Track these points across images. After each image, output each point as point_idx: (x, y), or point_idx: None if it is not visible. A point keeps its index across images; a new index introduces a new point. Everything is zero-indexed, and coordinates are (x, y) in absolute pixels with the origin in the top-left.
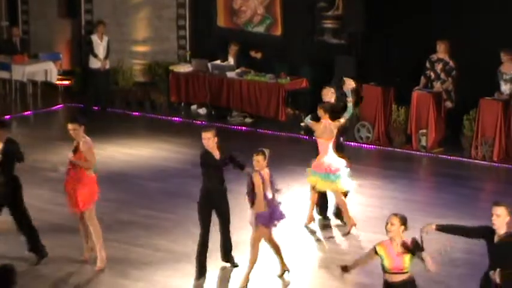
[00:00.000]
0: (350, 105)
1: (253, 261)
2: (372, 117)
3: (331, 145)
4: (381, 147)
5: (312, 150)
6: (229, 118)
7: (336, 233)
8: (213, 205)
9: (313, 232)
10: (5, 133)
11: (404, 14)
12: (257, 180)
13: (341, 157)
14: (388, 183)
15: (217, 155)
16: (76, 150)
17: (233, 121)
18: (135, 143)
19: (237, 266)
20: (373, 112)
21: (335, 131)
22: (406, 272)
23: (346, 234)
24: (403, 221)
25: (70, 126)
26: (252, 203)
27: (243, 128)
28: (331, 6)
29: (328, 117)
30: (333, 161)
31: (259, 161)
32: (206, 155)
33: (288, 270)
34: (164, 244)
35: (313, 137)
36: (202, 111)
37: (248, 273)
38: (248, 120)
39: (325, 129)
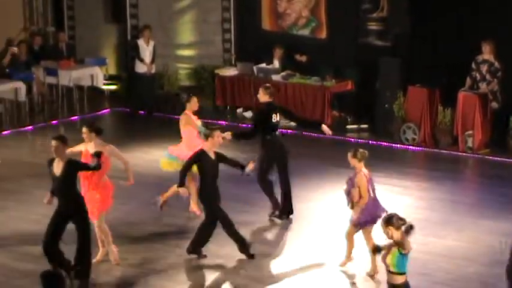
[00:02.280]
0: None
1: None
2: (417, 118)
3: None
4: (427, 149)
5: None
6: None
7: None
8: None
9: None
10: (65, 149)
11: (449, 15)
12: (362, 180)
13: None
14: (434, 185)
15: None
16: (99, 154)
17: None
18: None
19: None
20: (418, 114)
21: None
22: (394, 274)
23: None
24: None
25: (84, 129)
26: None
27: (289, 130)
28: (375, 8)
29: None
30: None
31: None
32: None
33: (377, 273)
34: (211, 247)
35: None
36: (248, 114)
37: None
38: (293, 123)
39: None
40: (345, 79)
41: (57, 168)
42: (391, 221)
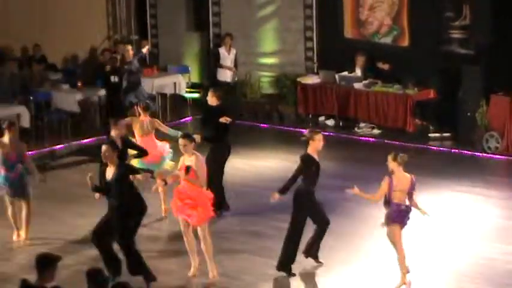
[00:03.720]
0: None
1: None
2: (500, 127)
3: (150, 140)
4: (510, 158)
5: (443, 161)
6: (356, 129)
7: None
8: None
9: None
10: (114, 154)
11: None
12: (384, 183)
13: None
14: None
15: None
16: (189, 169)
17: (360, 132)
18: (263, 155)
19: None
20: (501, 122)
21: (151, 128)
22: None
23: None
24: None
25: (181, 141)
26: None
27: (371, 139)
28: (458, 16)
29: (147, 115)
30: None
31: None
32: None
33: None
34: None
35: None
36: (330, 122)
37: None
38: (376, 131)
39: (142, 125)
40: (427, 87)
41: (109, 173)
42: None
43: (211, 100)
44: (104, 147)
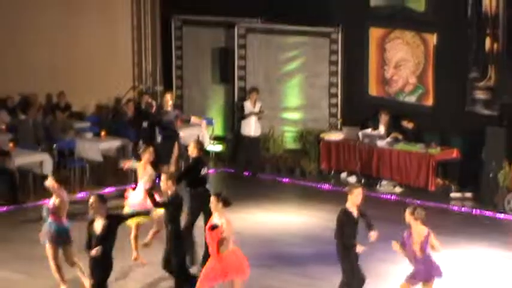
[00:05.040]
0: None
1: None
2: None
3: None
4: None
5: (464, 222)
6: (378, 187)
7: None
8: None
9: None
10: (103, 206)
11: None
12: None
13: None
14: None
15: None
16: (215, 227)
17: (382, 190)
18: (284, 210)
19: None
20: None
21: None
22: None
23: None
24: None
25: (213, 199)
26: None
27: (392, 196)
28: (483, 77)
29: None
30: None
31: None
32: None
33: None
34: None
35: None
36: (352, 179)
37: None
38: (397, 189)
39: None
40: (451, 147)
41: (98, 226)
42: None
43: (192, 151)
44: (91, 199)
